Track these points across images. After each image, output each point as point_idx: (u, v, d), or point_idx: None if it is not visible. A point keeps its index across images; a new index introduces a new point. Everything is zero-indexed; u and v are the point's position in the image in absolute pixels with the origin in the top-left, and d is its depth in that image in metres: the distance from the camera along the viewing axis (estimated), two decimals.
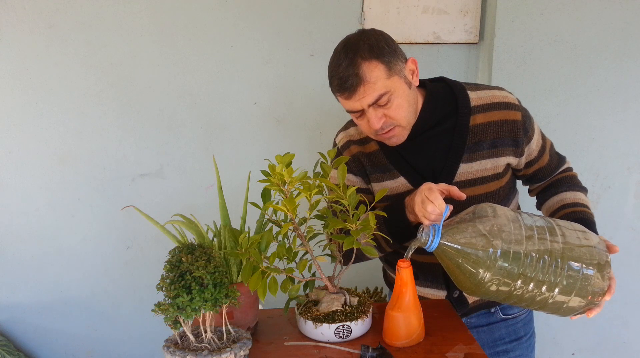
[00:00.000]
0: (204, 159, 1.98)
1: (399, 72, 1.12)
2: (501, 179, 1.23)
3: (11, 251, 2.01)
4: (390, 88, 1.11)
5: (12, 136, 1.90)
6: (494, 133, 1.19)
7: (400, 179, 1.25)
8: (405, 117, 1.15)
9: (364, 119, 1.16)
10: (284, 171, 0.98)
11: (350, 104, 1.13)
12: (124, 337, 2.15)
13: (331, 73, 1.14)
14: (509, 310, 1.36)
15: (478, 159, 1.20)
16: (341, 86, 1.11)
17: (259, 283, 0.99)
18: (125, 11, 1.84)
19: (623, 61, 1.86)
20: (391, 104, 1.12)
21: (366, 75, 1.08)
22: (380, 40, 1.12)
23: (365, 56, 1.09)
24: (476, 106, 1.20)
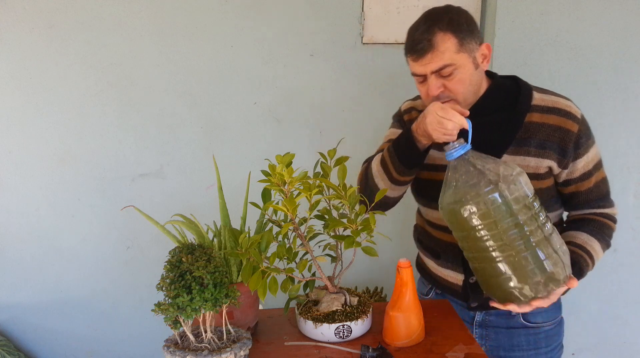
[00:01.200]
0: (204, 159, 1.98)
1: (469, 51, 1.17)
2: (541, 180, 1.23)
3: (11, 251, 2.01)
4: (456, 62, 1.15)
5: (12, 136, 1.90)
6: (545, 135, 1.21)
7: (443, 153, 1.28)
8: (463, 94, 1.19)
9: (424, 86, 1.20)
10: (284, 171, 0.98)
11: (416, 67, 1.18)
12: (124, 336, 2.15)
13: (408, 35, 1.20)
14: (530, 317, 1.33)
15: (523, 154, 1.22)
16: (412, 48, 1.17)
17: (259, 283, 0.99)
18: (125, 11, 1.84)
19: (623, 61, 1.86)
20: (453, 77, 1.17)
21: (437, 43, 1.14)
22: (461, 18, 1.17)
23: (442, 27, 1.14)
24: (536, 106, 1.23)
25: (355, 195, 1.07)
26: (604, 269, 2.03)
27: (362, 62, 1.94)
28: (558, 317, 1.38)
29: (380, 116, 1.99)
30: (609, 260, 2.02)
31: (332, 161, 1.12)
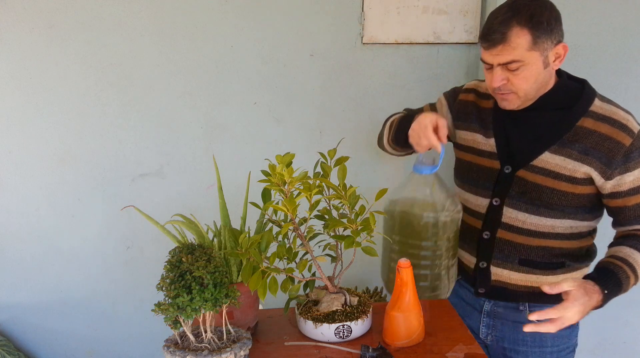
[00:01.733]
0: (204, 159, 1.98)
1: (542, 50, 1.16)
2: (575, 185, 1.23)
3: (11, 251, 2.01)
4: (525, 59, 1.15)
5: (12, 136, 1.90)
6: (592, 142, 1.20)
7: (491, 140, 1.33)
8: (525, 90, 1.20)
9: (489, 74, 1.22)
10: (284, 171, 0.98)
11: (485, 55, 1.20)
12: (124, 336, 2.15)
13: (487, 20, 1.20)
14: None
15: (563, 155, 1.22)
16: (486, 36, 1.17)
17: (259, 283, 0.99)
18: (125, 11, 1.84)
19: (623, 61, 1.86)
20: (519, 73, 1.17)
21: (511, 38, 1.14)
22: (543, 15, 1.16)
23: (520, 21, 1.13)
24: (593, 112, 1.23)
25: (355, 195, 1.07)
26: None
27: (362, 62, 1.94)
28: None
29: (381, 116, 1.99)
30: None
31: (332, 161, 1.12)
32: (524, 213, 1.28)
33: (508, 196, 1.29)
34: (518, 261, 1.32)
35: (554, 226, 1.27)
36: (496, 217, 1.32)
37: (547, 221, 1.27)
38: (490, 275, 1.36)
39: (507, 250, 1.32)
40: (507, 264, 1.33)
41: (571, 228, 1.29)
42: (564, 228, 1.28)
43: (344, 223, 1.05)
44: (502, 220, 1.31)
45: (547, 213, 1.26)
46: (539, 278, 1.32)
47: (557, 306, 1.09)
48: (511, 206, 1.29)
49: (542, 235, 1.29)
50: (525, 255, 1.31)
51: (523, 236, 1.30)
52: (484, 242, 1.34)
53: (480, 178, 1.35)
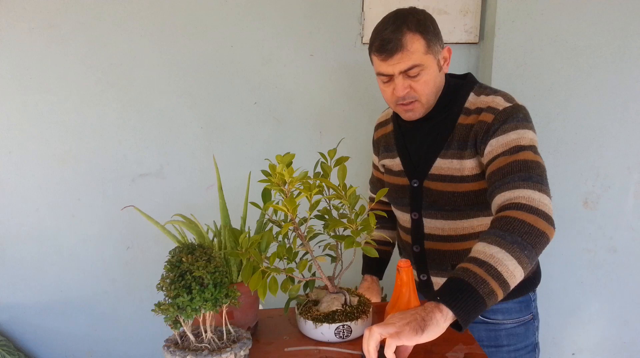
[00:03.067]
0: (204, 159, 1.98)
1: (435, 53, 1.20)
2: (470, 183, 1.24)
3: (11, 251, 2.01)
4: (424, 63, 1.18)
5: (12, 136, 1.90)
6: (465, 134, 1.23)
7: (397, 159, 1.38)
8: (427, 95, 1.22)
9: (390, 86, 1.22)
10: (284, 171, 0.98)
11: (384, 67, 1.20)
12: (124, 337, 2.15)
13: (375, 34, 1.21)
14: (489, 313, 1.35)
15: (450, 157, 1.25)
16: (382, 47, 1.18)
17: (259, 283, 0.99)
18: (125, 11, 1.84)
19: (623, 61, 1.86)
20: (419, 79, 1.19)
21: (407, 44, 1.16)
22: (427, 20, 1.19)
23: (411, 28, 1.16)
24: (466, 108, 1.25)
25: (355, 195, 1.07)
26: (604, 269, 2.03)
27: (362, 62, 1.94)
28: (524, 317, 1.36)
29: None
30: (609, 259, 2.02)
31: (332, 161, 1.12)
32: (440, 221, 1.30)
33: (423, 208, 1.32)
34: (451, 268, 1.33)
35: (472, 225, 1.29)
36: (419, 230, 1.35)
37: (463, 223, 1.28)
38: (432, 285, 1.39)
39: (438, 259, 1.35)
40: (443, 272, 1.35)
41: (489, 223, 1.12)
42: (483, 226, 1.29)
43: (344, 223, 1.05)
44: (425, 231, 1.34)
45: (459, 215, 1.28)
46: None
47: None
48: (428, 217, 1.32)
49: (464, 238, 1.30)
50: (456, 260, 1.32)
51: (447, 242, 1.32)
52: (417, 255, 1.38)
53: (399, 195, 1.38)
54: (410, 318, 0.87)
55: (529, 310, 1.37)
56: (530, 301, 1.38)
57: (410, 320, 0.87)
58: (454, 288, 0.89)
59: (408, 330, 0.85)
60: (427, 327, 0.86)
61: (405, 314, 0.89)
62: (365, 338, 0.89)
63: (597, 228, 1.98)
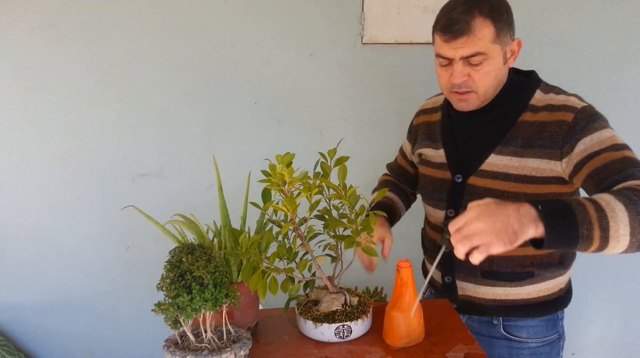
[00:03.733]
0: (204, 159, 1.98)
1: (503, 44, 1.11)
2: (526, 184, 1.14)
3: (11, 251, 2.01)
4: (489, 52, 1.09)
5: (12, 136, 1.90)
6: (533, 132, 1.14)
7: (440, 151, 1.30)
8: (485, 87, 1.14)
9: (447, 71, 1.15)
10: (284, 171, 0.98)
11: (445, 49, 1.12)
12: (124, 336, 2.15)
13: (443, 13, 1.12)
14: (513, 330, 1.27)
15: (508, 154, 1.16)
16: (447, 28, 1.09)
17: (259, 283, 0.99)
18: (125, 11, 1.84)
19: (623, 61, 1.86)
20: (481, 68, 1.11)
21: (475, 28, 1.07)
22: (502, 7, 1.10)
23: (483, 12, 1.07)
24: (532, 105, 1.17)
25: (355, 195, 1.07)
26: (604, 269, 2.03)
27: (362, 62, 1.94)
28: (550, 336, 1.28)
29: (380, 116, 1.99)
30: (609, 259, 2.02)
31: (332, 161, 1.12)
32: None
33: (461, 207, 1.23)
34: (481, 274, 1.24)
35: None
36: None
37: None
38: (457, 290, 1.30)
39: (468, 262, 1.20)
40: (471, 278, 1.26)
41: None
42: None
43: (344, 223, 1.05)
44: None
45: None
46: (506, 290, 1.24)
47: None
48: None
49: None
50: (488, 267, 1.23)
51: None
52: (445, 256, 1.20)
53: (435, 189, 1.30)
54: (500, 226, 0.86)
55: (556, 329, 1.29)
56: (558, 320, 1.30)
57: (500, 229, 0.86)
58: (560, 213, 0.88)
59: (497, 242, 0.85)
60: (518, 240, 0.86)
61: (494, 217, 0.87)
62: (455, 241, 0.89)
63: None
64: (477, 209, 0.90)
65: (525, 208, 0.88)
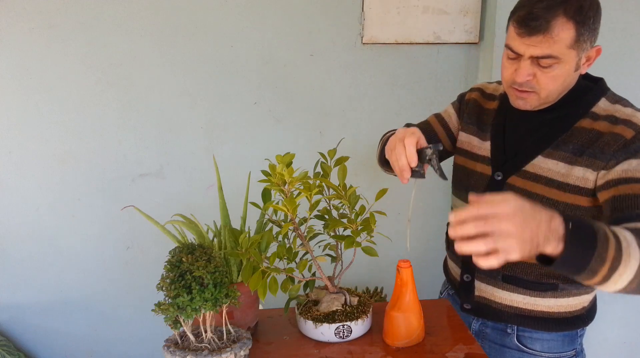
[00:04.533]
0: (204, 159, 1.98)
1: (580, 50, 1.03)
2: (567, 193, 1.09)
3: (11, 251, 2.01)
4: (563, 57, 1.01)
5: (12, 136, 1.90)
6: (587, 140, 1.08)
7: (487, 143, 1.24)
8: (549, 91, 1.07)
9: (513, 65, 1.07)
10: (284, 171, 0.98)
11: (517, 43, 1.04)
12: (124, 336, 2.15)
13: (525, 2, 1.03)
14: (527, 341, 1.23)
15: (556, 158, 1.11)
16: (525, 21, 1.00)
17: (259, 283, 0.99)
18: (125, 11, 1.84)
19: (623, 61, 1.86)
20: (549, 72, 1.04)
21: (554, 29, 0.98)
22: (591, 10, 1.01)
23: (568, 12, 0.98)
24: (594, 113, 1.11)
25: (355, 195, 1.07)
26: None
27: (362, 62, 1.94)
28: (566, 352, 1.22)
29: (380, 116, 1.99)
30: None
31: (332, 161, 1.12)
32: None
33: None
34: (502, 278, 1.20)
35: None
36: None
37: None
38: (474, 290, 1.26)
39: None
40: (491, 280, 1.22)
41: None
42: None
43: (344, 223, 1.05)
44: None
45: None
46: (525, 298, 1.19)
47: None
48: None
49: None
50: (510, 271, 1.19)
51: None
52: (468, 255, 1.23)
53: (471, 184, 1.25)
54: (528, 236, 0.78)
55: (573, 346, 1.23)
56: (577, 337, 1.23)
57: (527, 239, 0.78)
58: (585, 242, 0.83)
59: (518, 252, 0.78)
60: (537, 253, 0.81)
61: (526, 223, 0.78)
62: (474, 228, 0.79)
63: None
64: (514, 205, 0.79)
65: (557, 223, 0.82)
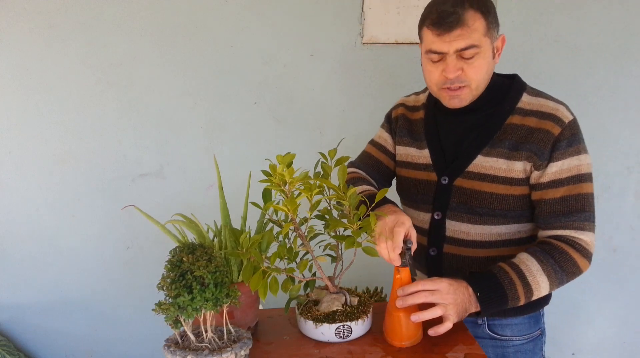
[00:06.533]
0: (204, 159, 1.98)
1: (492, 38, 1.12)
2: (513, 186, 1.16)
3: (11, 251, 2.01)
4: (482, 45, 1.09)
5: (12, 136, 1.90)
6: (520, 136, 1.15)
7: (425, 151, 1.28)
8: (478, 81, 1.14)
9: (439, 66, 1.13)
10: (285, 171, 0.98)
11: (438, 44, 1.10)
12: (124, 336, 2.15)
13: (432, 7, 1.11)
14: (498, 328, 1.28)
15: (495, 155, 1.17)
16: (439, 21, 1.08)
17: (260, 283, 0.99)
18: (125, 11, 1.84)
19: (623, 60, 1.86)
20: (473, 62, 1.10)
21: (469, 20, 1.07)
22: (489, 1, 1.11)
23: (473, 4, 1.08)
24: (520, 109, 1.18)
25: (355, 195, 1.07)
26: (604, 269, 2.03)
27: (362, 62, 1.94)
28: (533, 332, 1.30)
29: (380, 116, 1.99)
30: (609, 259, 2.02)
31: (333, 162, 1.12)
32: (467, 224, 1.21)
33: (449, 208, 1.23)
34: (469, 275, 1.20)
35: (499, 233, 1.20)
36: (440, 232, 1.25)
37: (492, 228, 1.20)
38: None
39: (455, 264, 1.25)
40: (458, 278, 1.26)
41: (519, 232, 1.21)
42: (511, 234, 1.21)
43: (344, 223, 1.05)
44: (446, 234, 1.24)
45: (490, 220, 1.19)
46: None
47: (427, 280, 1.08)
48: (453, 219, 1.23)
49: (489, 244, 1.22)
50: (475, 268, 1.23)
51: (469, 248, 1.23)
52: (432, 259, 1.28)
53: (419, 192, 1.29)
54: (460, 304, 1.06)
55: (538, 326, 1.31)
56: (540, 317, 1.31)
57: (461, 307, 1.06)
58: (493, 296, 1.08)
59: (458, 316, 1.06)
60: (462, 316, 1.07)
61: (456, 293, 1.06)
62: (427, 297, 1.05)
63: (597, 228, 1.98)
64: (447, 283, 1.07)
65: (470, 292, 1.08)
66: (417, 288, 1.05)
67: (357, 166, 1.46)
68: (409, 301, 1.04)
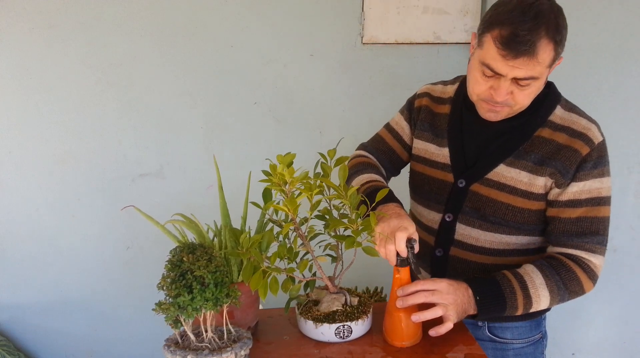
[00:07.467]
0: (204, 159, 1.98)
1: (552, 66, 1.05)
2: (532, 201, 1.13)
3: (11, 251, 2.01)
4: (541, 76, 1.03)
5: (12, 136, 1.90)
6: (548, 151, 1.11)
7: (445, 150, 1.23)
8: (523, 105, 1.09)
9: (489, 82, 1.06)
10: (285, 171, 0.98)
11: (500, 65, 1.01)
12: (124, 336, 2.15)
13: (507, 18, 0.99)
14: (498, 331, 1.27)
15: (519, 167, 1.13)
16: (511, 44, 0.98)
17: (260, 282, 0.99)
18: (125, 11, 1.84)
19: (623, 60, 1.86)
20: (526, 89, 1.04)
21: (539, 51, 0.98)
22: (564, 27, 1.02)
23: (549, 32, 0.98)
24: (552, 122, 1.13)
25: (355, 195, 1.07)
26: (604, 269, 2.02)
27: (362, 62, 1.94)
28: (534, 336, 1.28)
29: (380, 116, 1.99)
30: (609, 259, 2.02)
31: (333, 161, 1.12)
32: (477, 230, 1.19)
33: (461, 212, 1.20)
34: (470, 278, 1.20)
35: (509, 243, 1.18)
36: (449, 234, 1.23)
37: (503, 237, 1.18)
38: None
39: (460, 268, 1.24)
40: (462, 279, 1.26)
41: (529, 244, 1.20)
42: (521, 245, 1.19)
43: (344, 223, 1.05)
44: (455, 237, 1.22)
45: (502, 229, 1.17)
46: None
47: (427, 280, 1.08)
48: (464, 223, 1.20)
49: (497, 252, 1.20)
50: (480, 274, 1.21)
51: (477, 254, 1.21)
52: (437, 260, 1.26)
53: (433, 191, 1.25)
54: (460, 305, 1.06)
55: (539, 329, 1.30)
56: (541, 320, 1.30)
57: (460, 308, 1.06)
58: (492, 302, 1.08)
59: (457, 317, 1.06)
60: (461, 317, 1.08)
61: (456, 294, 1.07)
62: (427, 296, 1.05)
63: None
64: (447, 284, 1.07)
65: (470, 294, 1.08)
66: (416, 288, 1.05)
67: (368, 149, 1.41)
68: (409, 301, 1.04)
